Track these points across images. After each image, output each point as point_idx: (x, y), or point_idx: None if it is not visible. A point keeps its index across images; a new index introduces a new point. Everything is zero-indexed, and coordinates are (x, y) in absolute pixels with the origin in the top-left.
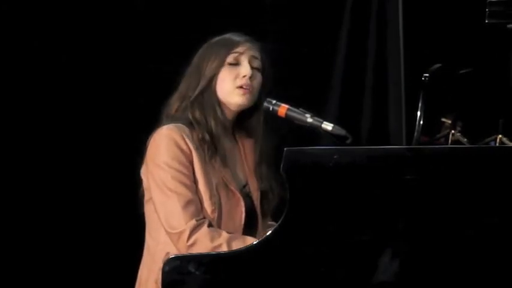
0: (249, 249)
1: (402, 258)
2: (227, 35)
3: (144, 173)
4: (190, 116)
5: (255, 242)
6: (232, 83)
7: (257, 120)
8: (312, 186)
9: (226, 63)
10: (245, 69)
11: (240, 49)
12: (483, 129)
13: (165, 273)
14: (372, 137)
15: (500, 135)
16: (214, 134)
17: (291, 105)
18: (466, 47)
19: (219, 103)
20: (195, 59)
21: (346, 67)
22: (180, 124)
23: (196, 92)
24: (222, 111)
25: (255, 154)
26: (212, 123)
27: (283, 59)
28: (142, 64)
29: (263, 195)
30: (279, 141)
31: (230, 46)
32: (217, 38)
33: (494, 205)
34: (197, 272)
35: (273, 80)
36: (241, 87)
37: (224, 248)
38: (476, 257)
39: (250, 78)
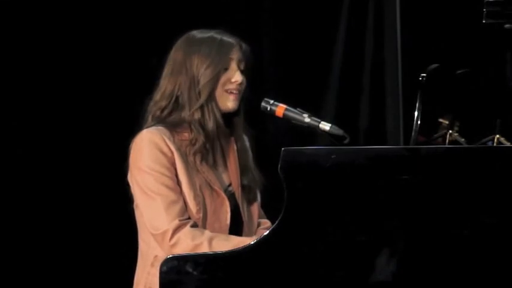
0: (247, 249)
1: (400, 258)
2: (216, 35)
3: (129, 178)
4: (187, 118)
5: (252, 242)
6: (222, 87)
7: (239, 120)
8: (310, 186)
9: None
10: (237, 75)
11: (232, 54)
12: (480, 129)
13: (162, 274)
14: (370, 137)
15: (497, 135)
16: (211, 138)
17: (289, 105)
18: (463, 47)
19: (218, 107)
20: (178, 56)
21: (343, 67)
22: (160, 127)
23: (191, 93)
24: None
25: (237, 151)
26: (211, 127)
27: (281, 58)
28: (144, 64)
29: (245, 189)
30: (256, 133)
31: (225, 52)
32: (202, 35)
33: (491, 205)
34: (195, 272)
35: (252, 82)
36: (230, 91)
37: (205, 247)
38: (473, 257)
39: (241, 83)
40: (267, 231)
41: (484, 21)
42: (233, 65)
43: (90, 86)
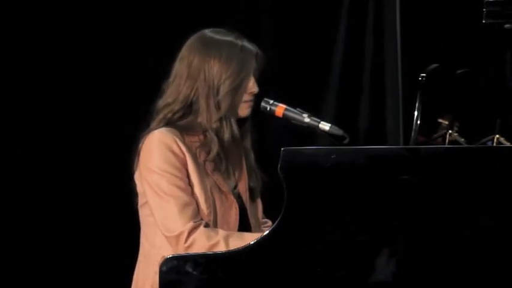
0: (246, 249)
1: (400, 258)
2: (237, 41)
3: (137, 177)
4: (204, 125)
5: (252, 242)
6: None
7: (248, 125)
8: (309, 186)
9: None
10: (254, 86)
11: (253, 64)
12: (480, 129)
13: (162, 274)
14: (369, 137)
15: (497, 135)
16: (226, 147)
17: (289, 105)
18: (463, 47)
19: (236, 117)
20: (195, 58)
21: (343, 67)
22: (171, 128)
23: (211, 100)
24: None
25: (245, 154)
26: (227, 137)
27: (281, 58)
28: (144, 64)
29: (251, 190)
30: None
31: (248, 64)
32: (220, 37)
33: (491, 205)
34: (195, 272)
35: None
36: (246, 101)
37: (222, 246)
38: (473, 257)
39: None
40: (267, 231)
41: (484, 21)
42: (251, 75)
43: (90, 85)
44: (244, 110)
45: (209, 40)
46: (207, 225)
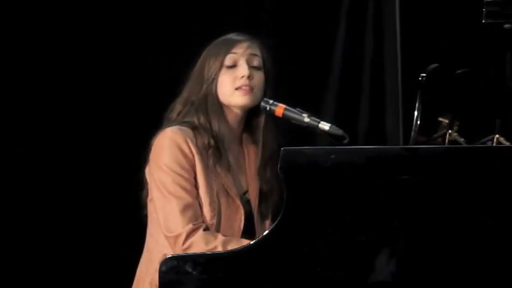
0: (246, 249)
1: (400, 258)
2: (227, 36)
3: (148, 172)
4: (195, 121)
5: (252, 242)
6: (231, 85)
7: (259, 121)
8: (309, 186)
9: (224, 65)
10: (242, 69)
11: (237, 49)
12: (480, 129)
13: (162, 273)
14: (369, 136)
15: (497, 135)
16: (219, 139)
17: (288, 105)
18: (463, 47)
19: (222, 107)
20: (198, 62)
21: (343, 67)
22: (185, 127)
23: (200, 96)
24: (226, 114)
25: (258, 157)
26: (216, 127)
27: (281, 58)
28: (144, 64)
29: (262, 198)
30: (283, 142)
31: (227, 48)
32: (217, 40)
33: (491, 205)
34: (194, 272)
35: (274, 77)
36: (239, 88)
37: (219, 250)
38: (473, 257)
39: (249, 77)
40: (267, 231)
41: (483, 21)
42: (242, 62)
43: (90, 85)
44: (239, 98)
45: (210, 45)
46: (206, 229)
